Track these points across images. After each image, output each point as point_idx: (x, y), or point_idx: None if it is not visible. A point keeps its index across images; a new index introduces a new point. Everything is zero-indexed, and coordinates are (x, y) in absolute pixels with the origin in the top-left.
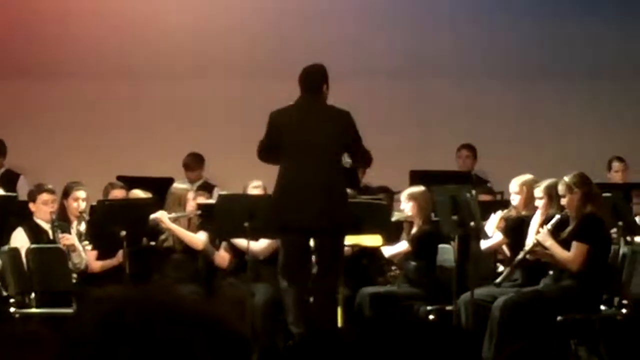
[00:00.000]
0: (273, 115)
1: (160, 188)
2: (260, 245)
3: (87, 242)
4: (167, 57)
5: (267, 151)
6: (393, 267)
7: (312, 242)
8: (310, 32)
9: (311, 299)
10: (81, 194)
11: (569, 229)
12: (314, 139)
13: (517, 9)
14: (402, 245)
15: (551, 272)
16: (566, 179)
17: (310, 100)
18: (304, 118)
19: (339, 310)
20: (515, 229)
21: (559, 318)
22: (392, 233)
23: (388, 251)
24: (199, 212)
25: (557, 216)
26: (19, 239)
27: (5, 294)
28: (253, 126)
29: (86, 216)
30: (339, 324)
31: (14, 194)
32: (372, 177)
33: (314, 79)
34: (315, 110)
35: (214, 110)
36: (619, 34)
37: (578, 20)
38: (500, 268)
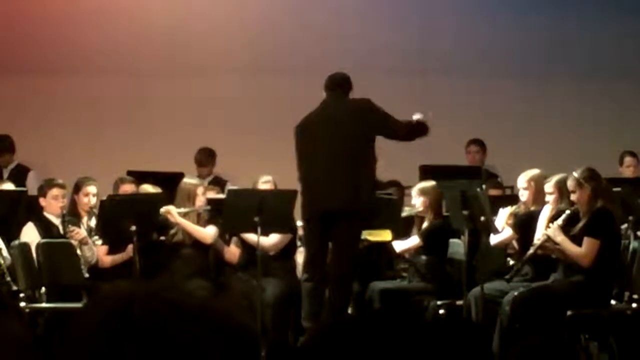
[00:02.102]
0: (296, 128)
1: (170, 183)
2: (271, 240)
3: (97, 237)
4: (177, 53)
5: None
6: (403, 261)
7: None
8: (318, 31)
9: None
10: (92, 189)
11: (580, 224)
12: (333, 134)
13: (523, 5)
14: (413, 240)
15: (561, 267)
16: (576, 174)
17: (331, 99)
18: (324, 117)
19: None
20: (524, 224)
21: (569, 313)
22: (401, 228)
23: (399, 246)
24: (208, 207)
25: (567, 211)
26: (29, 234)
27: (15, 288)
28: (264, 121)
29: (96, 211)
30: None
31: (24, 189)
32: (382, 171)
33: (336, 83)
34: (335, 106)
35: (225, 106)
36: (627, 30)
37: (585, 16)
38: (511, 262)
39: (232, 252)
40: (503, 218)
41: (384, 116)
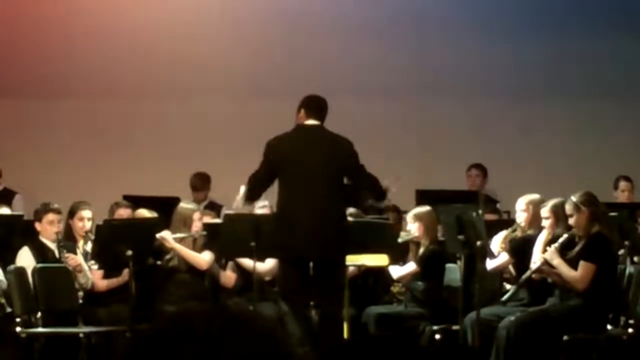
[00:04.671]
0: (271, 144)
1: (166, 207)
2: (266, 265)
3: (92, 262)
4: (173, 76)
5: (261, 184)
6: (399, 284)
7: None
8: (314, 52)
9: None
10: (87, 213)
11: (576, 248)
12: (316, 168)
13: (521, 27)
14: (410, 266)
15: (557, 292)
16: (574, 198)
17: (313, 127)
18: (306, 146)
19: (345, 329)
20: (520, 249)
21: (565, 338)
22: (398, 253)
23: (396, 272)
24: (204, 232)
25: (565, 235)
26: (25, 259)
27: (9, 310)
28: (260, 145)
29: (92, 236)
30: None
31: (20, 213)
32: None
33: (322, 109)
34: (318, 138)
35: (221, 129)
36: (624, 52)
37: (583, 38)
38: (507, 287)
39: (228, 276)
40: (497, 242)
41: (360, 166)
